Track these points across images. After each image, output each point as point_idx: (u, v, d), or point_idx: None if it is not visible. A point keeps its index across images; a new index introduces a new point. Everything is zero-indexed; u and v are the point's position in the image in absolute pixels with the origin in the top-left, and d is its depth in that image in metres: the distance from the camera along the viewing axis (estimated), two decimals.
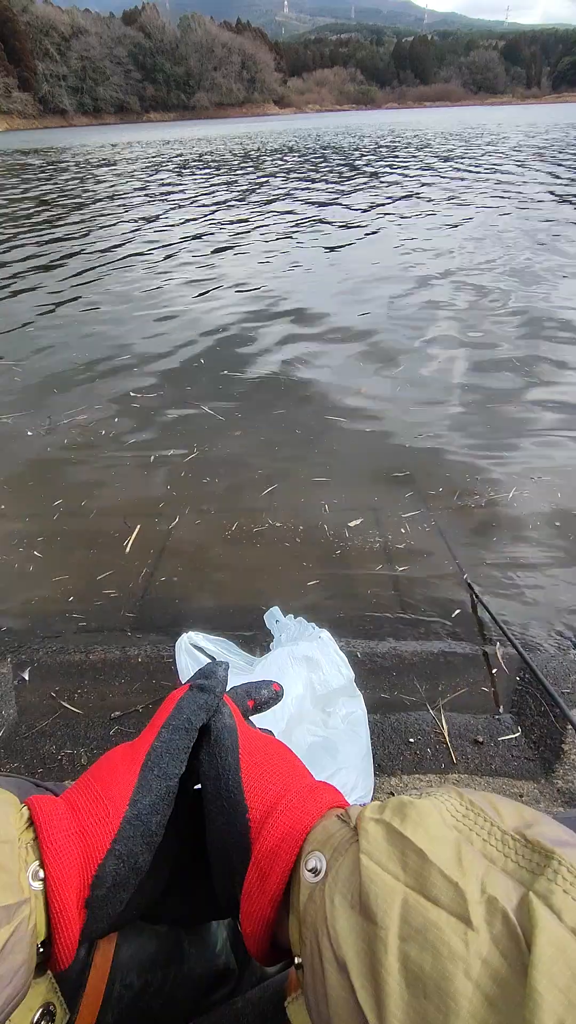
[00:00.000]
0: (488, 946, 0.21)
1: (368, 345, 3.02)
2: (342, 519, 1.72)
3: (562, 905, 0.21)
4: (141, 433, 2.29)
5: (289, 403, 2.46)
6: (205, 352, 3.06)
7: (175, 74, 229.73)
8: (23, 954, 0.27)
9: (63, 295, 4.20)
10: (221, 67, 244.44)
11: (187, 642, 1.01)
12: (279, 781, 0.35)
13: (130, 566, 1.58)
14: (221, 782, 0.35)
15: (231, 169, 12.32)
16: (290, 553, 1.60)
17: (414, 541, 1.62)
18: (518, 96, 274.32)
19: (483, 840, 0.25)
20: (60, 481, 2.00)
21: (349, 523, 1.70)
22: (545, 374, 2.61)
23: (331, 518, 1.73)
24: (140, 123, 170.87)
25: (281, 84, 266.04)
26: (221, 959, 0.44)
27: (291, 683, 0.92)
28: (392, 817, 0.27)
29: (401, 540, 1.63)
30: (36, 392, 2.69)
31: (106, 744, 1.10)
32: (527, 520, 1.69)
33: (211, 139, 26.83)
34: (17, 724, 1.16)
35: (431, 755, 1.06)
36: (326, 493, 1.86)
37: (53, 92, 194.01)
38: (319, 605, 1.43)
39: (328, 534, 1.66)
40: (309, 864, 0.29)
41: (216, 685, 0.39)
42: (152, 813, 0.33)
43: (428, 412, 2.34)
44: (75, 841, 0.31)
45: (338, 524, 1.70)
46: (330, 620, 1.34)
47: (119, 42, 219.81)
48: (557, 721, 1.09)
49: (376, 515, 1.73)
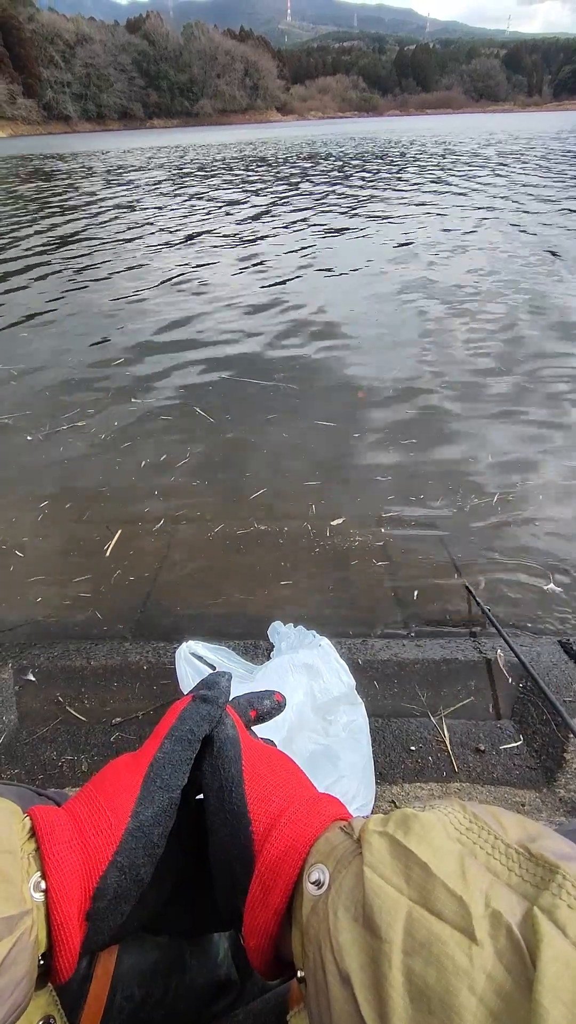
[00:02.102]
0: (492, 960, 0.21)
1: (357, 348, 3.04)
2: (344, 525, 1.72)
3: (566, 920, 0.21)
4: (137, 437, 2.29)
5: (290, 406, 2.47)
6: (215, 360, 3.07)
7: (179, 81, 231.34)
8: (25, 966, 0.27)
9: (72, 295, 4.23)
10: (224, 74, 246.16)
11: (187, 651, 1.01)
12: (282, 793, 0.35)
13: (128, 570, 1.59)
14: (224, 793, 0.35)
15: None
16: (286, 558, 1.60)
17: (415, 548, 1.62)
18: (519, 104, 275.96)
19: (487, 854, 0.25)
20: (50, 484, 2.01)
21: (351, 529, 1.70)
22: (546, 374, 2.62)
23: (332, 523, 1.73)
24: (143, 129, 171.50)
25: (284, 91, 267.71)
26: (222, 970, 0.44)
27: (291, 691, 0.92)
28: (396, 830, 0.27)
29: (401, 547, 1.63)
30: (42, 393, 2.71)
31: (107, 751, 1.10)
32: (529, 527, 1.69)
33: (245, 144, 26.07)
34: (18, 730, 1.15)
35: (432, 763, 1.06)
36: (325, 496, 1.86)
37: (57, 98, 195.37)
38: (319, 612, 1.43)
39: (327, 539, 1.67)
40: (312, 876, 0.29)
41: (219, 696, 0.39)
42: (154, 825, 0.33)
43: (425, 413, 2.35)
44: (77, 853, 0.31)
45: (340, 531, 1.70)
46: (330, 627, 1.34)
47: (123, 49, 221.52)
48: (559, 730, 1.09)
49: (378, 521, 1.73)
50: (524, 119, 56.95)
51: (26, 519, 1.83)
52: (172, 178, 12.79)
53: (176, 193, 10.19)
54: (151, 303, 4.09)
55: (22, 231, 7.07)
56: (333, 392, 2.59)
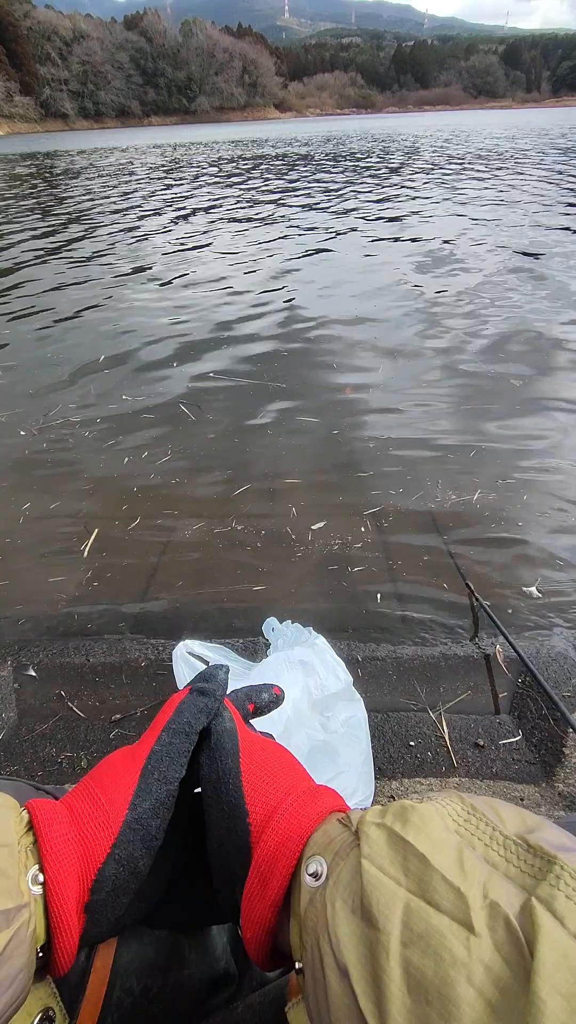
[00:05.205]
0: (490, 952, 0.20)
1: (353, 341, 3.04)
2: (342, 523, 1.72)
3: (564, 911, 0.21)
4: (127, 434, 2.30)
5: (281, 400, 2.47)
6: (213, 353, 3.07)
7: (176, 78, 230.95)
8: (23, 958, 0.27)
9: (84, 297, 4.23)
10: (222, 71, 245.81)
11: (184, 650, 1.01)
12: (280, 785, 0.35)
13: (128, 569, 1.59)
14: (221, 785, 0.35)
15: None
16: (283, 556, 1.60)
17: (414, 544, 1.62)
18: (518, 100, 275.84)
19: (485, 845, 0.25)
20: (33, 481, 2.02)
21: (348, 526, 1.70)
22: (544, 374, 2.62)
23: (330, 521, 1.73)
24: (141, 127, 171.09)
25: (282, 88, 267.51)
26: (221, 963, 0.44)
27: (287, 686, 0.92)
28: (394, 821, 0.27)
29: (401, 543, 1.63)
30: (40, 389, 2.71)
31: (106, 747, 1.10)
32: (528, 523, 1.69)
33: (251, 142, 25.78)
34: (18, 726, 1.15)
35: (432, 759, 1.06)
36: (315, 492, 1.86)
37: (54, 96, 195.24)
38: (317, 609, 1.43)
39: (319, 537, 1.67)
40: (310, 868, 0.29)
41: (216, 688, 0.39)
42: (152, 817, 0.33)
43: (421, 411, 2.35)
44: (75, 845, 0.31)
45: (336, 528, 1.70)
46: (330, 623, 1.35)
47: (121, 47, 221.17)
48: (557, 724, 1.09)
49: (374, 518, 1.73)
50: (525, 115, 56.29)
51: (25, 513, 1.83)
52: (170, 172, 12.77)
53: (176, 192, 10.17)
54: (141, 297, 4.11)
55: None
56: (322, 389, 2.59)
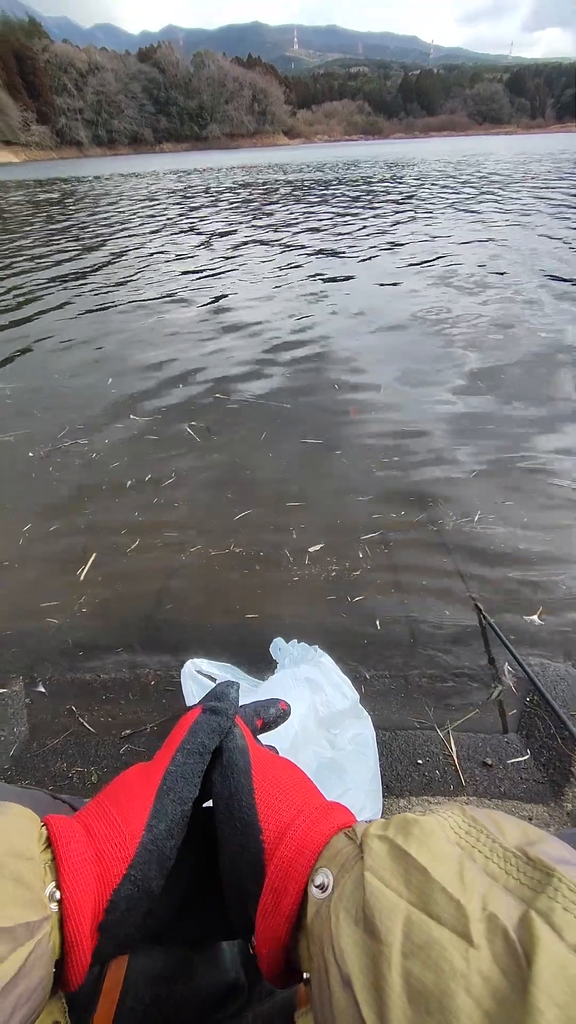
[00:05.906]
0: (489, 963, 0.21)
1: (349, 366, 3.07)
2: (345, 538, 1.73)
3: (562, 923, 0.21)
4: (135, 457, 2.33)
5: (286, 425, 2.50)
6: (218, 378, 3.12)
7: (188, 107, 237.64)
8: (41, 972, 0.27)
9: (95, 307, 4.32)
10: (233, 100, 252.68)
11: (192, 668, 1.02)
12: (292, 802, 0.36)
13: (138, 588, 1.60)
14: (234, 803, 0.35)
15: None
16: (285, 576, 1.61)
17: (421, 562, 1.63)
18: (523, 126, 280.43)
19: (485, 857, 0.25)
20: (34, 500, 2.05)
21: (355, 542, 1.71)
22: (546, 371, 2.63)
23: (331, 541, 1.74)
24: (153, 153, 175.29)
25: (291, 116, 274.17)
26: (231, 974, 0.44)
27: (293, 703, 0.92)
28: (396, 834, 0.28)
29: (408, 561, 1.63)
30: (50, 411, 2.76)
31: (116, 762, 1.11)
32: (536, 541, 1.69)
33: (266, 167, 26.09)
34: (29, 742, 1.16)
35: (440, 777, 1.06)
36: (320, 512, 1.88)
37: (70, 125, 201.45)
38: (322, 627, 1.43)
39: (326, 558, 1.68)
40: (316, 880, 0.30)
41: (228, 707, 0.40)
42: (167, 838, 0.33)
43: (427, 427, 2.37)
44: (92, 865, 0.31)
45: (337, 549, 1.71)
46: (337, 642, 1.35)
47: (134, 77, 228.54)
48: (566, 744, 1.09)
49: (383, 535, 1.74)
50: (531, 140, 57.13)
51: (33, 533, 1.86)
52: (182, 202, 13.06)
53: (183, 217, 10.40)
54: (146, 320, 4.18)
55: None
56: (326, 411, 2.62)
